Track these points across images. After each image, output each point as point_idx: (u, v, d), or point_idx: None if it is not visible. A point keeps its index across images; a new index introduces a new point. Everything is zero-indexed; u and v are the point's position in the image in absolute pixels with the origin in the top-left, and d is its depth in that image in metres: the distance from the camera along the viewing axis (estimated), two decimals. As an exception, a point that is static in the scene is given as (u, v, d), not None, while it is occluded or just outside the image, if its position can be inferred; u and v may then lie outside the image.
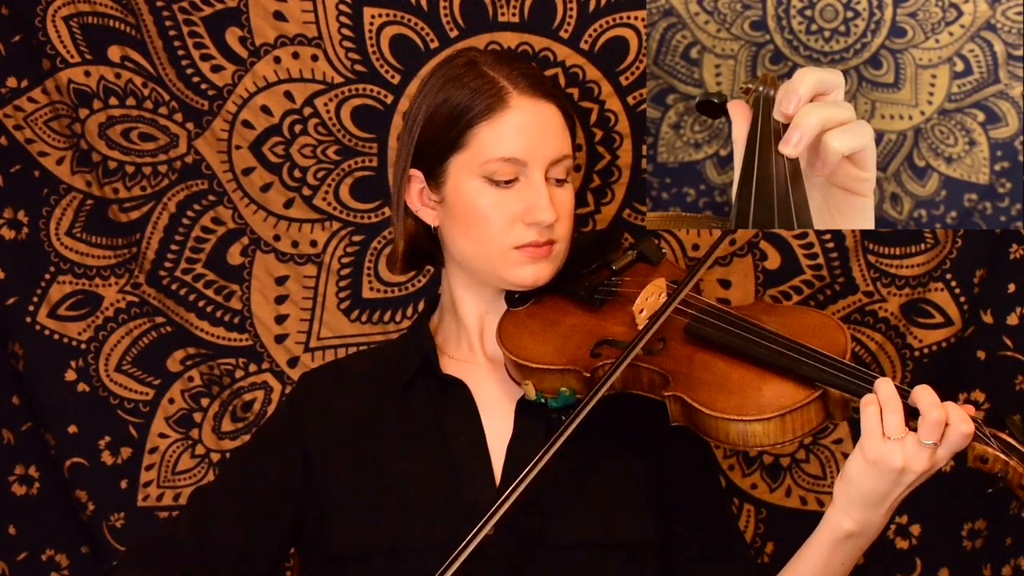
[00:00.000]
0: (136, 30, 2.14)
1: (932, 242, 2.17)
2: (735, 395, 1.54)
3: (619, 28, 2.13)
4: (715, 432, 1.53)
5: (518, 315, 1.73)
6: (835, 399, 1.53)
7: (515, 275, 1.68)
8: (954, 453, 1.48)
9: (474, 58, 1.70)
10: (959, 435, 1.46)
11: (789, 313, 1.68)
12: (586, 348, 1.65)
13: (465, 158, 1.66)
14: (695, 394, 1.54)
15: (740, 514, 2.23)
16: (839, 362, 1.54)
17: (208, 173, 2.18)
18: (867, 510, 1.51)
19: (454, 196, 1.68)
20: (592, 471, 1.66)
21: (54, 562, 2.24)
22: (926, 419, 1.46)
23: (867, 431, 1.48)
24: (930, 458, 1.47)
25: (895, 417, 1.47)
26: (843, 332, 1.61)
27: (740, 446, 1.53)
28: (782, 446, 1.55)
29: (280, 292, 2.21)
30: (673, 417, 1.57)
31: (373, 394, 1.74)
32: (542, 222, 1.64)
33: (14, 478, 2.22)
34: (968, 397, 2.20)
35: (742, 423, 1.51)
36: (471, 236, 1.68)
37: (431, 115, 1.69)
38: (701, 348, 1.61)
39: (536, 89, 1.67)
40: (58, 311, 2.20)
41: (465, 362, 1.76)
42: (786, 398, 1.52)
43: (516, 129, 1.65)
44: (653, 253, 1.81)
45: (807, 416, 1.52)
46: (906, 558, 2.24)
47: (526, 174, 1.65)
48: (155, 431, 2.22)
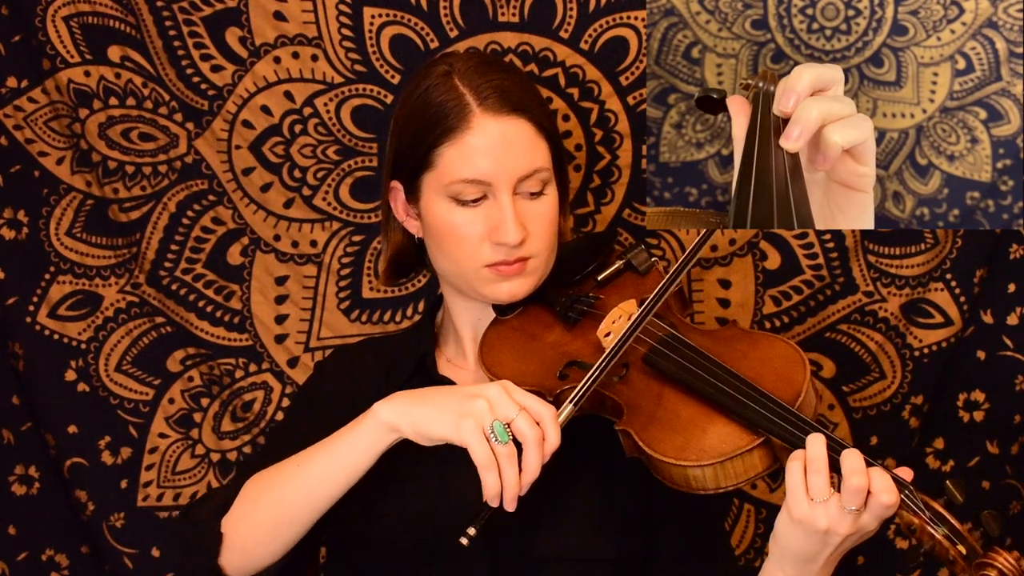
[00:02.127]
0: (136, 30, 2.14)
1: (932, 242, 2.16)
2: (679, 435, 1.51)
3: (619, 28, 2.13)
4: (660, 472, 1.52)
5: (504, 326, 1.72)
6: (779, 447, 1.49)
7: (491, 291, 1.67)
8: (881, 521, 1.44)
9: (450, 69, 1.67)
10: (880, 505, 1.42)
11: (758, 342, 1.63)
12: (555, 369, 1.63)
13: (433, 178, 1.65)
14: (643, 432, 1.52)
15: (740, 514, 2.23)
16: (786, 410, 1.50)
17: (208, 173, 2.18)
18: (800, 567, 1.49)
19: (427, 213, 1.68)
20: (576, 485, 1.65)
21: (54, 562, 2.23)
22: (847, 485, 1.42)
23: (791, 490, 1.45)
24: (854, 523, 1.43)
25: (819, 479, 1.43)
26: (804, 369, 1.55)
27: (684, 488, 1.51)
28: (726, 490, 1.52)
29: (280, 292, 2.21)
30: (627, 449, 1.55)
31: (373, 388, 1.73)
32: (507, 243, 1.62)
33: (14, 478, 2.21)
34: (968, 397, 2.20)
35: (681, 467, 1.48)
36: (445, 253, 1.67)
37: (403, 127, 1.69)
38: (656, 380, 1.58)
39: (503, 105, 1.63)
40: (58, 311, 2.19)
41: (460, 367, 1.77)
42: (727, 444, 1.49)
43: (479, 150, 1.62)
44: (641, 264, 1.77)
45: (750, 462, 1.49)
46: (906, 558, 2.23)
47: (493, 193, 1.63)
48: (155, 431, 2.22)
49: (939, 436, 2.20)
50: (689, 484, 1.50)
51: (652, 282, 1.74)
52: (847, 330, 2.19)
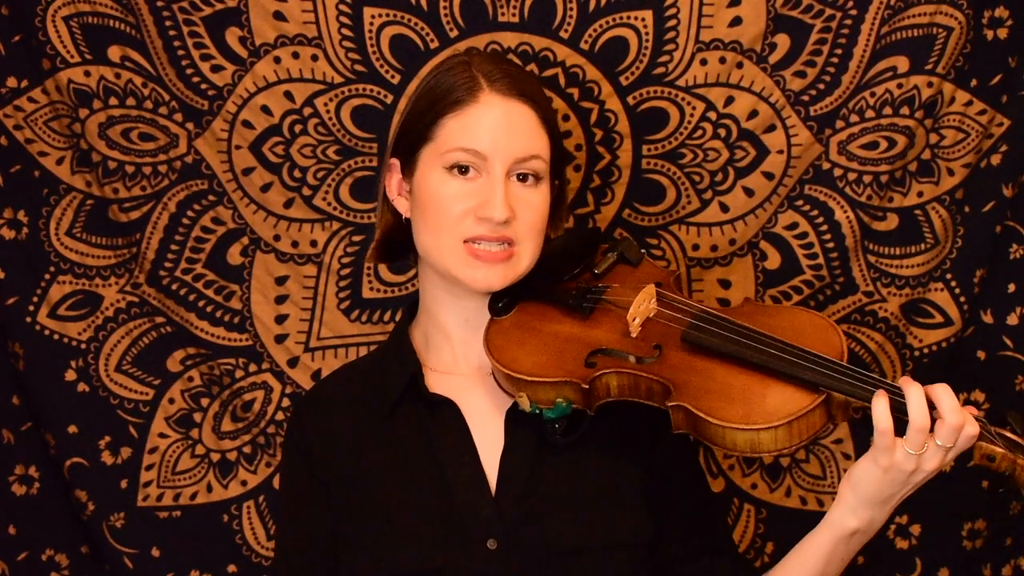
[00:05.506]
0: (136, 30, 2.14)
1: (932, 242, 2.17)
2: (739, 404, 1.52)
3: (619, 28, 2.13)
4: (722, 440, 1.52)
5: (503, 325, 1.70)
6: (838, 402, 1.52)
7: (465, 275, 1.64)
8: (960, 452, 1.49)
9: (468, 59, 1.69)
10: (967, 437, 1.47)
11: (781, 315, 1.66)
12: (580, 359, 1.63)
13: (432, 149, 1.65)
14: (700, 404, 1.53)
15: (740, 514, 2.23)
16: (840, 365, 1.53)
17: (208, 173, 2.18)
18: (873, 509, 1.53)
19: (419, 185, 1.67)
20: (589, 476, 1.66)
21: (54, 562, 2.24)
22: (946, 423, 1.46)
23: (880, 438, 1.48)
24: (943, 459, 1.48)
25: (919, 436, 1.46)
26: (837, 333, 1.60)
27: (748, 453, 1.53)
28: (788, 451, 1.54)
29: (280, 292, 2.21)
30: (676, 425, 1.55)
31: (361, 420, 1.71)
32: (492, 218, 1.61)
33: (14, 478, 2.22)
34: (968, 397, 2.20)
35: (751, 432, 1.50)
36: (429, 226, 1.66)
37: (412, 106, 1.70)
38: (699, 355, 1.59)
39: (512, 87, 1.65)
40: (58, 311, 2.19)
41: (449, 374, 1.73)
42: (791, 404, 1.51)
43: (481, 124, 1.63)
44: (633, 254, 1.79)
45: (811, 420, 1.51)
46: (906, 558, 2.24)
47: (487, 169, 1.63)
48: (155, 431, 2.22)
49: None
50: (756, 448, 1.51)
51: (646, 271, 1.77)
52: (847, 330, 2.19)
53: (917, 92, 2.12)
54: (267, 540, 2.24)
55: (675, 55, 2.13)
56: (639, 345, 1.63)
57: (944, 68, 2.11)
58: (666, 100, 2.15)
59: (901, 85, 2.12)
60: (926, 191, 2.17)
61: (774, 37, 2.12)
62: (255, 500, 2.24)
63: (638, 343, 1.63)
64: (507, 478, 1.64)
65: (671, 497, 1.69)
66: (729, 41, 2.12)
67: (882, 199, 2.16)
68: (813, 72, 2.13)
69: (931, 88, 2.12)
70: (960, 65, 2.12)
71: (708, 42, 2.12)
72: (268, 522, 2.24)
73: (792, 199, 2.17)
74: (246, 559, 2.24)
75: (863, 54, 2.12)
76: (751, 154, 2.16)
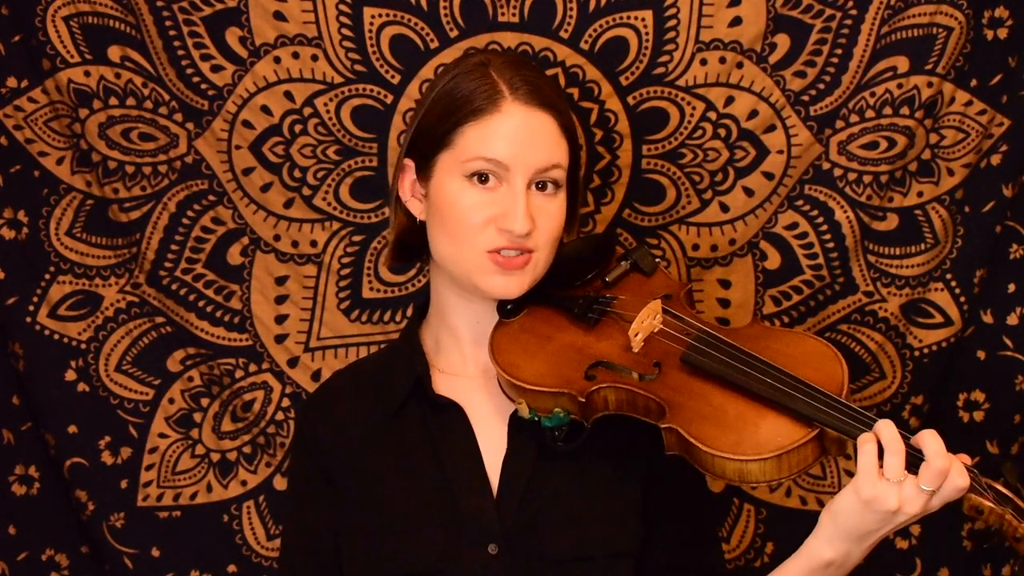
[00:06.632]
0: (136, 30, 2.14)
1: (932, 242, 2.17)
2: (731, 431, 1.51)
3: (619, 28, 2.13)
4: (711, 467, 1.51)
5: (511, 328, 1.70)
6: (831, 438, 1.50)
7: (485, 283, 1.64)
8: (945, 502, 1.47)
9: (486, 60, 1.68)
10: (954, 488, 1.45)
11: (787, 340, 1.63)
12: (580, 370, 1.62)
13: (450, 157, 1.64)
14: (692, 428, 1.51)
15: (740, 514, 2.23)
16: (837, 401, 1.51)
17: (208, 173, 2.18)
18: (850, 543, 1.50)
19: (437, 192, 1.66)
20: (589, 484, 1.65)
21: (54, 562, 2.23)
22: (930, 466, 1.44)
23: (864, 469, 1.46)
24: (925, 503, 1.45)
25: (896, 459, 1.45)
26: (840, 364, 1.57)
27: (735, 482, 1.51)
28: (777, 483, 1.53)
29: (280, 292, 2.21)
30: (668, 446, 1.54)
31: (367, 417, 1.72)
32: (513, 231, 1.61)
33: (14, 478, 2.22)
34: (968, 397, 2.20)
35: (739, 462, 1.48)
36: (448, 234, 1.65)
37: (430, 107, 1.68)
38: (697, 377, 1.58)
39: (533, 96, 1.64)
40: (58, 311, 2.19)
41: (456, 375, 1.74)
42: (783, 437, 1.49)
43: (503, 133, 1.62)
44: (647, 263, 1.77)
45: (803, 455, 1.49)
46: (906, 558, 2.24)
47: (508, 179, 1.62)
48: (155, 431, 2.22)
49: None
50: (743, 478, 1.50)
51: (659, 282, 1.75)
52: (847, 330, 2.19)
53: (917, 92, 2.12)
54: (267, 540, 2.24)
55: (675, 55, 2.13)
56: (640, 361, 1.61)
57: (944, 68, 2.11)
58: (666, 100, 2.15)
59: (901, 85, 2.12)
60: (926, 191, 2.17)
61: (774, 37, 2.12)
62: (255, 500, 2.24)
63: (639, 359, 1.61)
64: (509, 483, 1.64)
65: (663, 508, 1.68)
66: (729, 41, 2.12)
67: (882, 199, 2.16)
68: (813, 72, 2.13)
69: (931, 88, 2.12)
70: (960, 65, 2.12)
71: (708, 42, 2.12)
72: (268, 522, 2.24)
73: (792, 199, 2.17)
74: (246, 559, 2.24)
75: (863, 54, 2.12)
76: (751, 154, 2.16)
